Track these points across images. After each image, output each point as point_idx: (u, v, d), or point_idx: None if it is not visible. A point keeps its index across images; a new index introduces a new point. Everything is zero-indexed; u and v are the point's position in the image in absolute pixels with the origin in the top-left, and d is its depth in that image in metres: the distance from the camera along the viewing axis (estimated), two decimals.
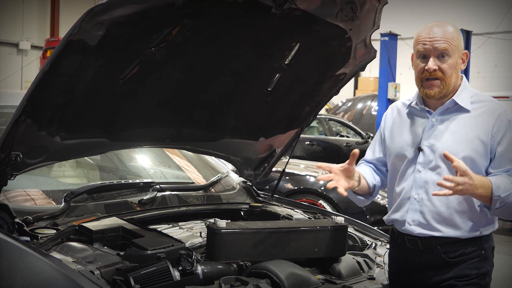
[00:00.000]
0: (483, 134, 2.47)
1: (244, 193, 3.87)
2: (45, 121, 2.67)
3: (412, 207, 2.56)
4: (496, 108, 2.51)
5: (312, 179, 6.71)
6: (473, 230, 2.50)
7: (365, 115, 15.50)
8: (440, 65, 2.48)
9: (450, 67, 2.48)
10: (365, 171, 2.80)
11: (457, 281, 2.49)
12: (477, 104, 2.54)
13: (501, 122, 2.47)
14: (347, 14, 2.88)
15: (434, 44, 2.47)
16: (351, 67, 3.28)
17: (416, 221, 2.55)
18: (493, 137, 2.46)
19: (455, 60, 2.50)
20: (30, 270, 2.38)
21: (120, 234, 2.81)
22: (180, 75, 2.94)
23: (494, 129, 2.46)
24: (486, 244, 2.53)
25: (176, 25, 2.58)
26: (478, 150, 2.47)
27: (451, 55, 2.48)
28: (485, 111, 2.51)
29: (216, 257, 2.64)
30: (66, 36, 2.34)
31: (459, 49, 2.51)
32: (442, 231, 2.50)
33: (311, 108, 3.56)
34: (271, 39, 2.94)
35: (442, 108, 2.55)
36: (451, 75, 2.50)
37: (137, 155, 4.15)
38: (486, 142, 2.46)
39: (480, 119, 2.50)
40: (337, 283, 2.69)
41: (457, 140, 2.49)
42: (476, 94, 2.57)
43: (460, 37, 2.53)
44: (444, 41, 2.47)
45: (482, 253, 2.51)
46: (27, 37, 21.23)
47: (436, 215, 2.51)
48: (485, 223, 2.52)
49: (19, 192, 3.14)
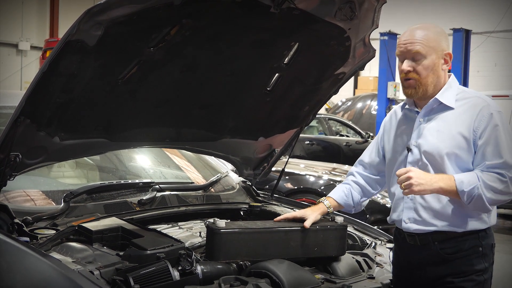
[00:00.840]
0: (465, 129, 2.51)
1: (243, 192, 3.87)
2: (44, 122, 2.67)
3: (406, 205, 2.62)
4: (479, 103, 2.54)
5: (312, 178, 6.71)
6: (468, 223, 2.53)
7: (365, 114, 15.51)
8: (414, 67, 2.54)
9: (425, 68, 2.54)
10: (341, 196, 2.93)
11: (454, 278, 2.53)
12: (462, 101, 2.58)
13: (482, 116, 2.50)
14: (346, 14, 2.88)
15: (408, 47, 2.55)
16: (350, 66, 3.28)
17: (412, 219, 2.60)
18: (474, 131, 2.50)
19: (432, 61, 2.55)
20: (30, 270, 2.38)
21: (120, 234, 2.81)
22: (179, 75, 2.94)
23: (475, 123, 2.50)
24: (484, 241, 2.56)
25: (175, 25, 2.58)
26: (461, 146, 2.51)
27: (426, 56, 2.53)
28: (468, 107, 2.56)
29: (215, 257, 2.64)
30: (64, 36, 2.34)
31: (437, 50, 2.55)
32: (437, 225, 2.55)
33: (310, 107, 3.56)
34: (270, 39, 2.94)
35: (427, 108, 2.62)
36: (427, 76, 2.55)
37: (137, 155, 4.15)
38: (468, 137, 2.50)
39: (463, 116, 2.54)
40: (337, 282, 2.69)
41: (440, 138, 2.54)
42: (462, 92, 2.62)
43: (439, 38, 2.57)
44: (418, 43, 2.53)
45: (479, 250, 2.54)
46: (26, 38, 21.24)
47: (429, 210, 2.57)
48: (479, 216, 2.54)
49: (18, 193, 3.14)
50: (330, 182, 6.54)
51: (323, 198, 2.94)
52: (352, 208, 2.96)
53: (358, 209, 2.98)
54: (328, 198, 2.93)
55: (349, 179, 2.97)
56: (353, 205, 2.94)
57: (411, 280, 2.64)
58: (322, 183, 6.61)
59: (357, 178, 2.94)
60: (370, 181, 2.93)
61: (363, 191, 2.94)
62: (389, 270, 2.92)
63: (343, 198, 2.92)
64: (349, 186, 2.94)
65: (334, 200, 2.92)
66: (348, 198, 2.92)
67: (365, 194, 2.95)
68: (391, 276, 2.83)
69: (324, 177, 6.76)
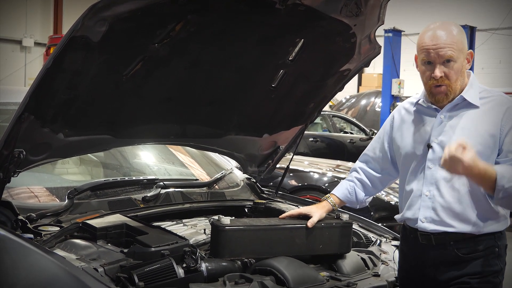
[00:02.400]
0: (492, 128, 2.48)
1: (248, 189, 3.86)
2: (48, 118, 2.66)
3: (424, 204, 2.56)
4: (505, 101, 2.52)
5: (316, 175, 6.70)
6: (486, 225, 2.49)
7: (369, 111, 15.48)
8: (446, 72, 2.48)
9: (456, 72, 2.49)
10: (344, 193, 2.91)
11: (470, 278, 2.48)
12: (486, 99, 2.55)
13: (509, 114, 2.48)
14: (352, 10, 2.86)
15: (439, 52, 2.46)
16: (356, 63, 3.27)
17: (429, 218, 2.54)
18: (501, 129, 2.47)
19: (461, 64, 2.50)
20: (34, 267, 2.38)
21: (124, 231, 2.80)
22: (184, 72, 2.92)
23: (503, 121, 2.47)
24: (500, 241, 2.53)
25: (180, 21, 2.57)
26: (487, 144, 2.47)
27: (456, 60, 2.48)
28: (494, 105, 2.52)
29: (220, 254, 2.63)
30: (68, 32, 2.33)
31: (464, 52, 2.50)
32: (455, 226, 2.50)
33: (315, 104, 3.54)
34: (275, 35, 2.93)
35: (451, 105, 2.55)
36: (457, 80, 2.51)
37: (141, 152, 4.15)
38: (495, 135, 2.47)
39: (489, 113, 2.50)
40: (342, 280, 2.68)
41: (466, 135, 2.48)
42: (484, 90, 2.58)
43: (464, 38, 2.51)
44: (449, 48, 2.46)
45: (495, 250, 2.51)
46: (30, 34, 21.25)
47: (448, 211, 2.51)
48: (498, 219, 2.52)
49: (22, 189, 3.14)
50: (334, 179, 6.53)
51: (327, 196, 2.93)
52: (355, 205, 2.94)
53: (361, 206, 2.97)
54: (332, 195, 2.91)
55: (352, 176, 2.94)
56: (357, 203, 2.93)
57: (422, 280, 2.59)
58: (326, 180, 6.59)
59: (361, 175, 2.92)
60: (373, 179, 2.90)
61: (366, 188, 2.91)
62: (394, 268, 2.90)
63: (347, 196, 2.90)
64: (352, 184, 2.91)
65: (337, 198, 2.90)
66: (352, 195, 2.90)
67: (369, 191, 2.92)
68: (396, 274, 2.81)
69: (328, 174, 6.75)
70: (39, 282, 2.35)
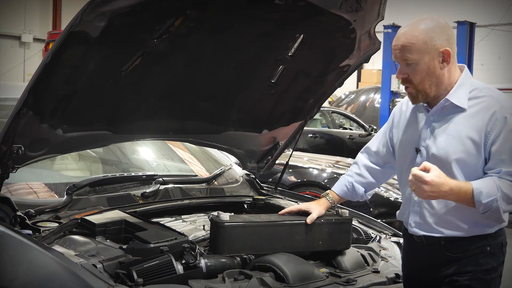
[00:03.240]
0: (475, 134, 2.36)
1: (247, 186, 3.86)
2: (47, 114, 2.65)
3: (413, 209, 2.53)
4: (493, 104, 2.36)
5: (316, 171, 6.69)
6: (475, 229, 2.43)
7: (368, 107, 15.47)
8: (407, 73, 2.40)
9: (419, 73, 2.38)
10: (343, 190, 2.88)
11: (459, 277, 2.45)
12: (474, 100, 2.41)
13: (495, 120, 2.33)
14: (352, 5, 2.85)
15: (397, 54, 2.40)
16: (355, 58, 3.25)
17: (418, 224, 2.51)
18: (486, 136, 2.35)
19: (425, 64, 2.37)
20: (33, 263, 2.38)
21: (123, 227, 2.80)
22: (183, 67, 2.92)
23: (488, 128, 2.35)
24: (494, 241, 2.46)
25: (179, 16, 2.56)
26: (470, 151, 2.37)
27: (417, 61, 2.36)
28: (481, 108, 2.38)
29: (219, 251, 2.63)
30: (67, 27, 2.32)
31: (429, 52, 2.36)
32: (443, 232, 2.46)
33: (315, 100, 3.53)
34: (275, 30, 2.92)
35: (437, 107, 2.46)
36: (422, 81, 2.39)
37: (140, 147, 4.14)
38: (479, 142, 2.36)
39: (475, 118, 2.38)
40: (342, 276, 2.68)
41: (449, 141, 2.40)
42: (476, 89, 2.43)
43: (430, 37, 2.36)
44: (407, 49, 2.36)
45: (487, 250, 2.44)
46: (29, 30, 21.23)
47: (436, 218, 2.46)
48: (488, 222, 2.43)
49: (21, 185, 3.13)
50: (334, 175, 6.52)
51: (326, 193, 2.92)
52: (356, 199, 2.92)
53: (363, 199, 2.94)
54: (331, 192, 2.90)
55: (352, 171, 2.90)
56: (357, 197, 2.90)
57: (421, 278, 2.57)
58: (326, 176, 6.59)
59: (361, 170, 2.87)
60: (375, 172, 2.85)
61: (366, 183, 2.87)
62: (394, 264, 2.91)
63: (346, 192, 2.88)
64: (351, 179, 2.88)
65: (336, 195, 2.89)
66: (350, 191, 2.87)
67: (369, 186, 2.88)
68: (396, 270, 2.82)
69: (328, 170, 6.75)
70: (38, 278, 2.34)
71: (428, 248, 2.51)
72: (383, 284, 2.71)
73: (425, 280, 2.56)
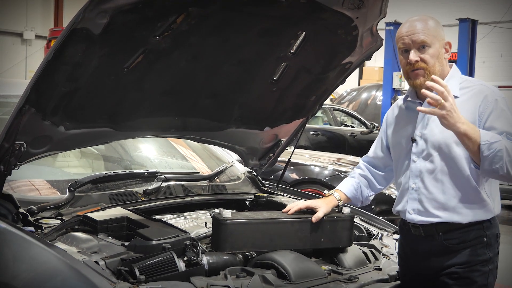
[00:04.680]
0: (470, 116, 2.45)
1: (249, 183, 3.86)
2: (49, 111, 2.65)
3: (411, 196, 2.60)
4: (483, 90, 2.51)
5: (317, 169, 6.69)
6: (472, 214, 2.51)
7: (370, 105, 15.47)
8: (421, 56, 2.52)
9: (431, 57, 2.52)
10: (350, 190, 2.91)
11: (458, 268, 2.51)
12: (465, 89, 2.55)
13: (487, 101, 2.47)
14: (354, 2, 2.85)
15: (413, 38, 2.51)
16: (358, 56, 3.26)
17: (416, 210, 2.58)
18: (479, 117, 2.46)
19: (437, 50, 2.53)
20: (35, 260, 2.38)
21: (125, 225, 2.80)
22: (185, 64, 2.91)
23: (481, 109, 2.47)
24: (489, 231, 2.53)
25: (181, 13, 2.56)
26: None
27: (430, 45, 2.51)
28: (472, 94, 2.52)
29: (221, 248, 2.63)
30: (69, 24, 2.32)
31: (439, 39, 2.53)
32: (441, 217, 2.53)
33: (316, 97, 3.53)
34: (277, 28, 2.91)
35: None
36: (434, 64, 2.53)
37: (142, 145, 4.14)
38: (474, 123, 2.44)
39: (468, 103, 2.50)
40: (344, 273, 2.68)
41: None
42: (466, 80, 2.60)
43: (439, 28, 2.55)
44: (422, 33, 2.51)
45: (484, 240, 2.52)
46: (31, 27, 21.23)
47: (433, 202, 2.54)
48: (484, 207, 2.52)
49: (23, 182, 3.14)
50: (335, 172, 6.52)
51: (333, 191, 2.93)
52: (359, 202, 2.94)
53: (365, 203, 2.97)
54: (338, 191, 2.91)
55: (356, 173, 2.95)
56: (362, 200, 2.93)
57: (417, 270, 2.63)
58: (327, 174, 6.59)
59: (365, 172, 2.93)
60: (377, 177, 2.92)
61: (370, 185, 2.93)
62: (395, 262, 2.90)
63: (353, 192, 2.90)
64: (358, 180, 2.92)
65: (343, 194, 2.90)
66: (357, 192, 2.90)
67: (373, 189, 2.94)
68: (397, 268, 2.82)
69: (329, 167, 6.74)
70: (40, 275, 2.34)
71: (426, 240, 2.56)
72: (385, 282, 2.72)
73: (422, 272, 2.60)
